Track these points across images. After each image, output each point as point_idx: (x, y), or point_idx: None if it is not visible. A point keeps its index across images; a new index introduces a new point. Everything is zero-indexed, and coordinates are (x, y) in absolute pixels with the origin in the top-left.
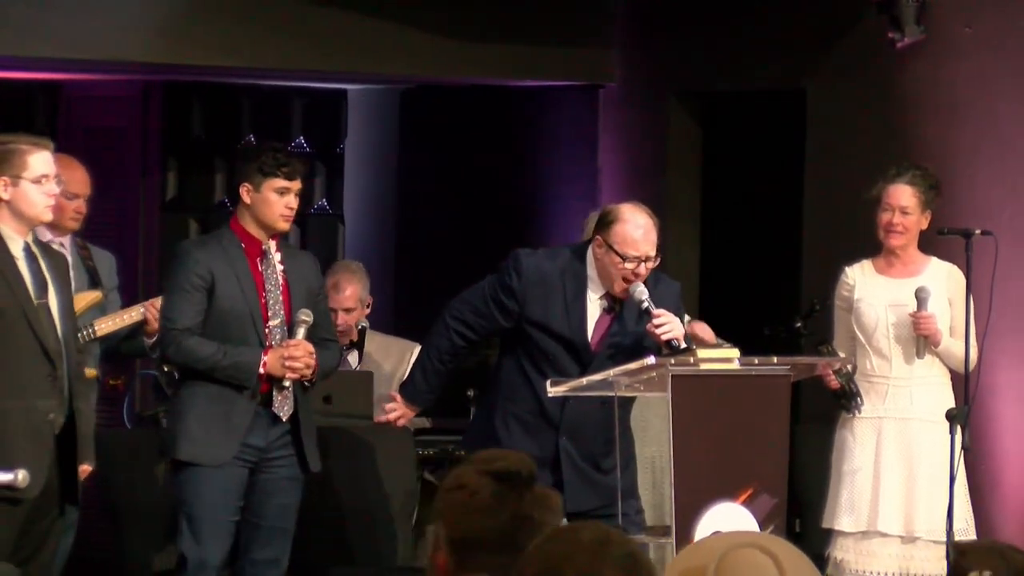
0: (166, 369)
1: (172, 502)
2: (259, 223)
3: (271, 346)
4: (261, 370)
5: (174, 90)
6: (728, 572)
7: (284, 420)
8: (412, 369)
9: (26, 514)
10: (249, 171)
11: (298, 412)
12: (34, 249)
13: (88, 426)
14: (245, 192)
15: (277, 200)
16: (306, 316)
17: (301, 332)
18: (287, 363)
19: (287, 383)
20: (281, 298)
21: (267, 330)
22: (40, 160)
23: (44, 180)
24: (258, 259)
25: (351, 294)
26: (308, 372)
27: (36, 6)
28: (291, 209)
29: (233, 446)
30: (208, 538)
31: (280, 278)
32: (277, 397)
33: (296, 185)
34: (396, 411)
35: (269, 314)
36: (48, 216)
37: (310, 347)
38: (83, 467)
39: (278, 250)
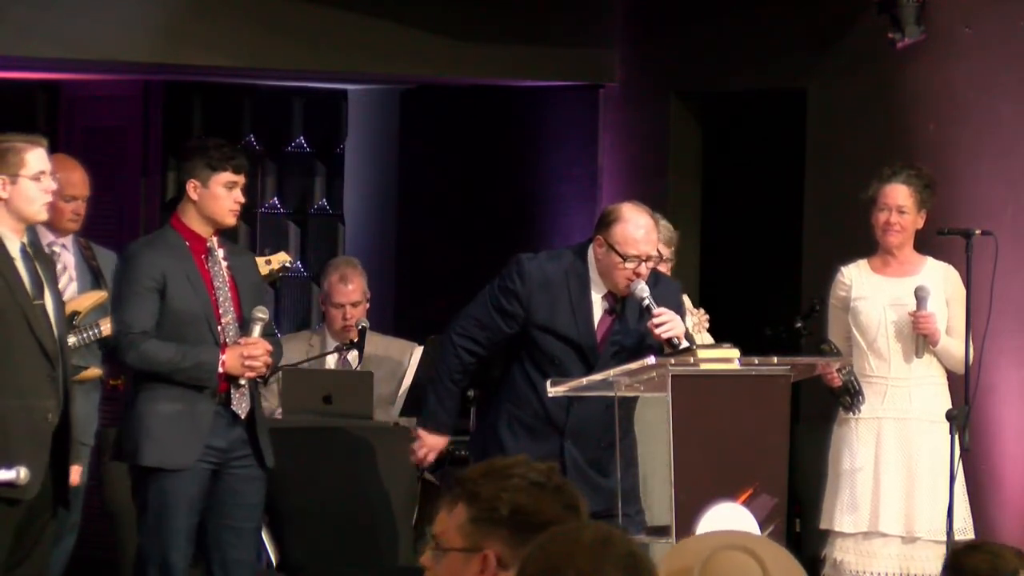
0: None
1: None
2: (206, 219)
3: (226, 344)
4: (220, 369)
5: (175, 90)
6: (713, 574)
7: (243, 418)
8: (426, 399)
9: (22, 515)
10: (196, 167)
11: (254, 410)
12: (29, 250)
13: (77, 428)
14: (192, 188)
15: (226, 195)
16: (262, 313)
17: (257, 329)
18: (246, 361)
19: (243, 381)
20: (230, 295)
21: (220, 328)
22: (36, 157)
23: (42, 177)
24: (203, 256)
25: (357, 287)
26: (264, 370)
27: (36, 6)
28: (239, 203)
29: (198, 448)
30: (174, 543)
31: (226, 275)
32: (235, 395)
33: (243, 179)
34: (423, 448)
35: (220, 311)
36: (44, 215)
37: (268, 345)
38: (75, 467)
39: (220, 247)
